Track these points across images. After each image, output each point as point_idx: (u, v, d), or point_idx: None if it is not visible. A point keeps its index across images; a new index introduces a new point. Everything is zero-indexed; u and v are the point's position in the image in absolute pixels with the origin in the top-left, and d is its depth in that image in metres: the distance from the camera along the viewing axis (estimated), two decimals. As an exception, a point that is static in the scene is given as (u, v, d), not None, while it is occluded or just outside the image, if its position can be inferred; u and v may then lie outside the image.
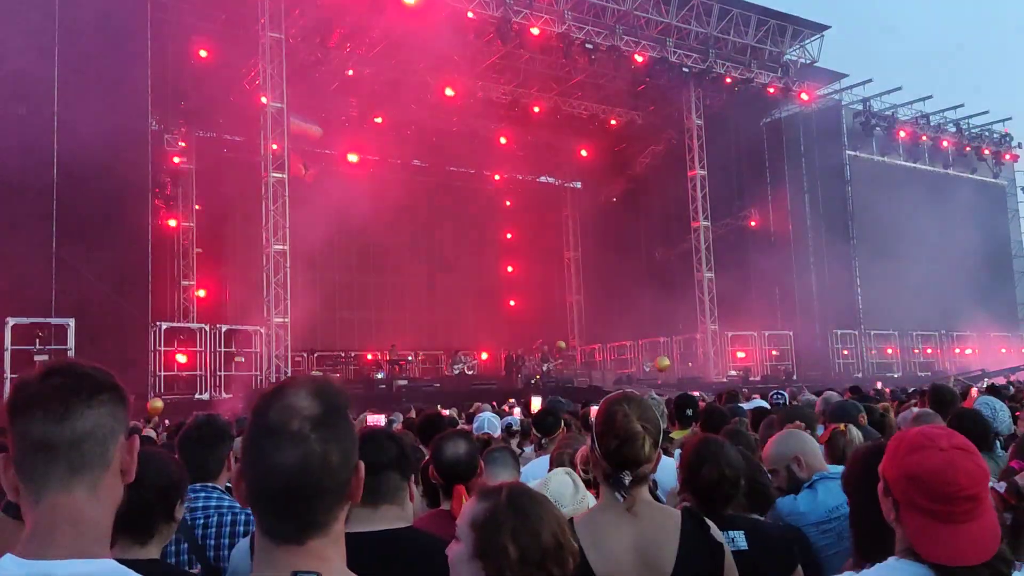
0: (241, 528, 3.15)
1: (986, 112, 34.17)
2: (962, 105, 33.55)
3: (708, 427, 5.52)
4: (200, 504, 3.11)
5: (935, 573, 1.78)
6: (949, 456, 1.78)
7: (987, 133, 34.58)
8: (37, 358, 16.51)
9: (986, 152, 34.12)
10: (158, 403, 15.62)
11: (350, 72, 24.59)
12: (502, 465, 3.86)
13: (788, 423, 4.43)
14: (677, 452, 4.44)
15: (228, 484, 3.36)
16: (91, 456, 1.43)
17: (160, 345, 19.89)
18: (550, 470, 4.56)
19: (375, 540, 2.40)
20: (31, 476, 1.42)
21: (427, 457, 3.56)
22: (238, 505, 3.27)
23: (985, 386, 11.73)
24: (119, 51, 18.48)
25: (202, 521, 3.09)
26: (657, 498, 3.32)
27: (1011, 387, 12.25)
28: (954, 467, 1.77)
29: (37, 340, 17.07)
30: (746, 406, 8.23)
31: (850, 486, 2.30)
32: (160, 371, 19.76)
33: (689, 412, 6.37)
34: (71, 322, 16.99)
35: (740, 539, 2.68)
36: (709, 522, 2.46)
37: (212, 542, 3.11)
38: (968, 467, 1.78)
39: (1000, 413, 5.00)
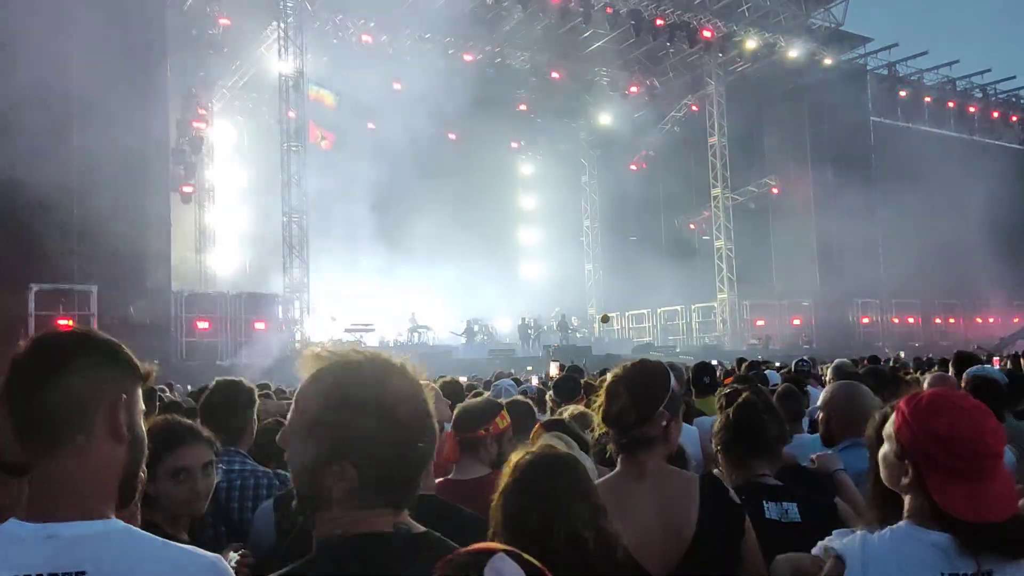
0: (264, 491, 3.19)
1: (1013, 77, 33.57)
2: (989, 70, 33.02)
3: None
4: (224, 468, 3.13)
5: (951, 535, 1.80)
6: (972, 415, 1.81)
7: (1014, 99, 33.98)
8: (60, 323, 16.75)
9: (1013, 118, 33.54)
10: None
11: (368, 38, 24.42)
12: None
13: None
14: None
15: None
16: (66, 425, 1.44)
17: (182, 311, 20.08)
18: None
19: None
20: (23, 447, 1.47)
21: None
22: (261, 469, 3.31)
23: (1007, 354, 11.61)
24: (138, 17, 18.46)
25: (226, 485, 3.11)
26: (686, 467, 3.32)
27: None
28: (980, 426, 1.80)
29: (61, 306, 17.29)
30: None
31: (874, 446, 2.29)
32: (183, 337, 19.96)
33: (707, 380, 6.37)
34: (94, 288, 17.18)
35: (793, 511, 2.68)
36: (727, 485, 2.46)
37: (236, 505, 3.15)
38: (991, 425, 1.82)
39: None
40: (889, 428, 1.92)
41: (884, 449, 1.92)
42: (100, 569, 1.39)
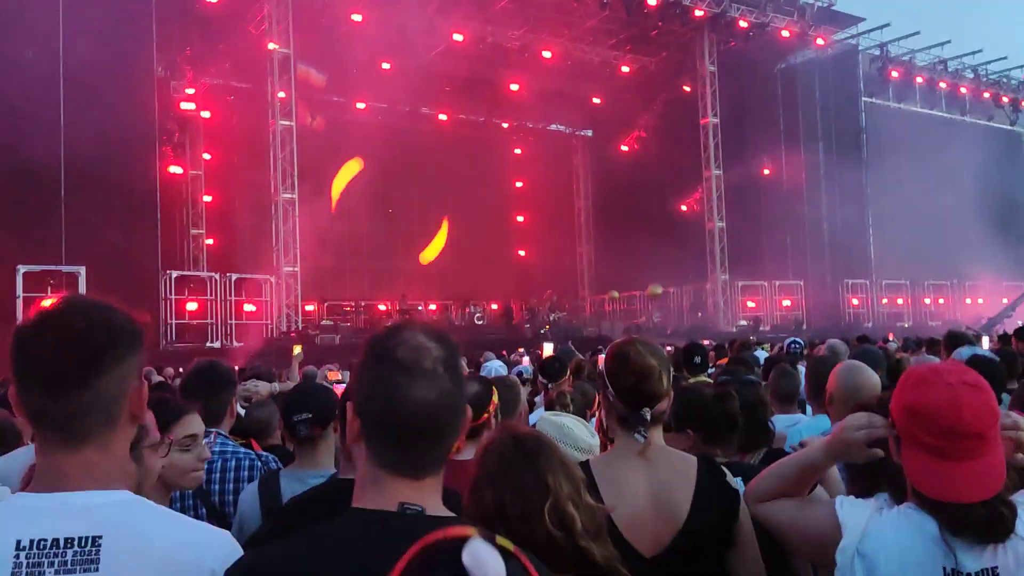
0: (245, 473, 3.15)
1: (1005, 58, 33.53)
2: (980, 51, 32.92)
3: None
4: (204, 449, 3.09)
5: (935, 515, 1.75)
6: (956, 391, 1.72)
7: (1005, 79, 33.96)
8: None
9: (1004, 99, 33.55)
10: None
11: (357, 17, 24.17)
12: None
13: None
14: None
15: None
16: (95, 425, 1.40)
17: (171, 293, 20.00)
18: (546, 410, 4.54)
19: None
20: (40, 437, 1.42)
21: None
22: (242, 450, 3.27)
23: (997, 335, 11.64)
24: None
25: (206, 466, 3.06)
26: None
27: None
28: (959, 403, 1.71)
29: (49, 287, 17.19)
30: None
31: None
32: (171, 319, 19.88)
33: (697, 360, 6.39)
34: (82, 270, 17.07)
35: (740, 486, 2.68)
36: (724, 469, 2.44)
37: (217, 487, 3.11)
38: (975, 403, 1.72)
39: None
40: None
41: (888, 420, 1.89)
42: (117, 536, 1.37)
